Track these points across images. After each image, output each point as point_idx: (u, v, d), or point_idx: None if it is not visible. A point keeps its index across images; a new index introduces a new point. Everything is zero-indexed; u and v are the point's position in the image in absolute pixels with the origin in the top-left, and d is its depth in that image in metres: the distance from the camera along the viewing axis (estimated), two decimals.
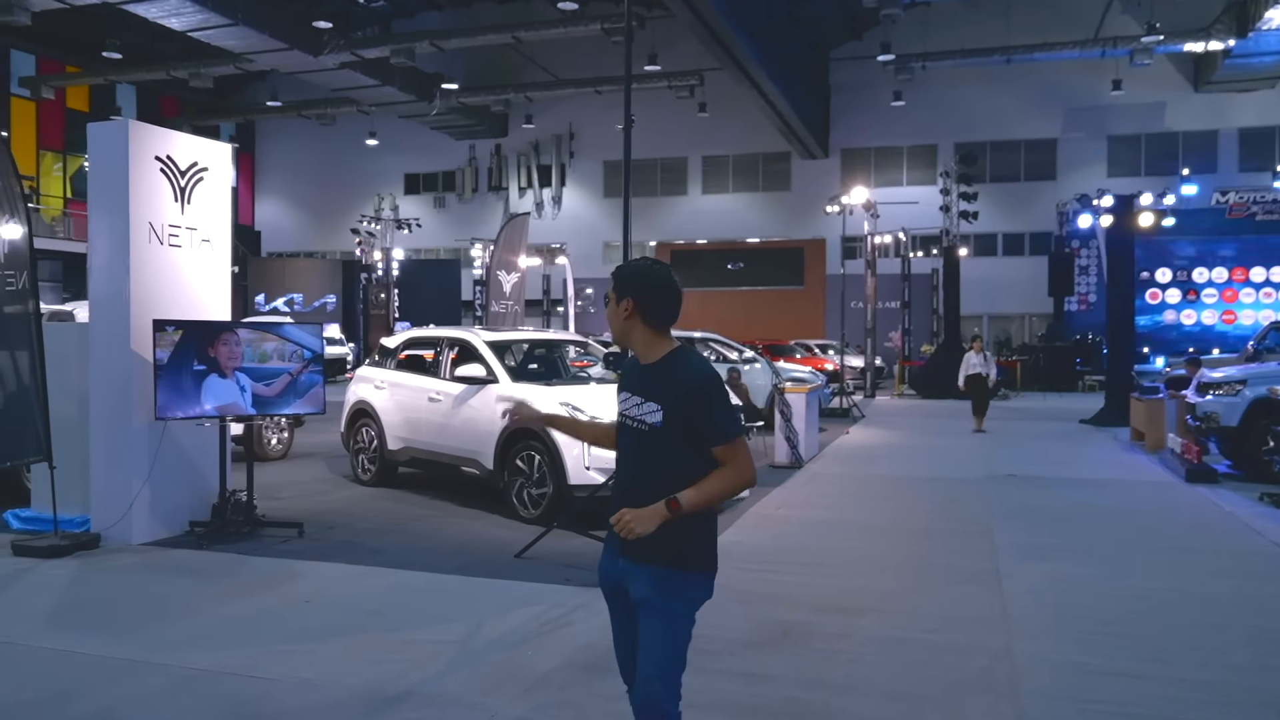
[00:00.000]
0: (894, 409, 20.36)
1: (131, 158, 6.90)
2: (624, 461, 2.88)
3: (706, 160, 38.15)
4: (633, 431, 2.82)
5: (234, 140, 44.49)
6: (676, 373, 2.78)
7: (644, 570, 2.75)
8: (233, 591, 5.76)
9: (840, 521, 8.12)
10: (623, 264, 3.01)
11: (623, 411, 2.87)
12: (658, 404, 2.74)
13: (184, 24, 26.38)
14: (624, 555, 2.79)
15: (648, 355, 2.84)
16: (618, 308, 2.85)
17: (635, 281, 2.85)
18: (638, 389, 2.82)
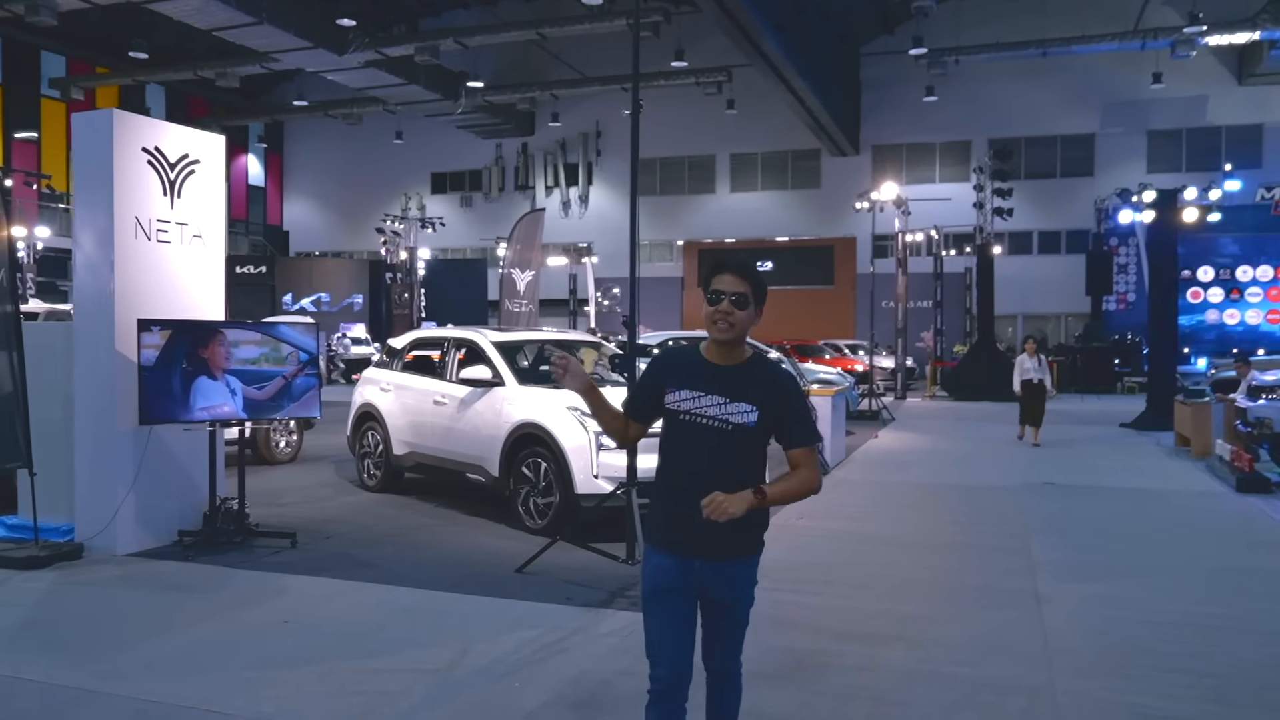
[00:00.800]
0: (925, 411, 19.76)
1: (116, 149, 6.56)
2: (692, 459, 2.86)
3: (735, 158, 37.62)
4: (709, 430, 2.84)
5: (262, 141, 44.63)
6: (772, 377, 2.92)
7: (730, 567, 2.89)
8: (209, 609, 5.39)
9: (864, 534, 7.63)
10: (750, 265, 2.94)
11: (694, 410, 2.86)
12: (752, 405, 2.83)
13: (208, 23, 26.29)
14: (699, 556, 2.85)
15: (734, 357, 2.90)
16: (754, 313, 2.89)
17: (765, 291, 2.92)
18: (719, 389, 2.85)
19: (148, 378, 6.45)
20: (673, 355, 3.08)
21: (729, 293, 2.85)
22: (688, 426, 2.88)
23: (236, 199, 43.59)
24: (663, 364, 3.04)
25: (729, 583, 2.89)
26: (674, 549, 2.88)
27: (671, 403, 2.91)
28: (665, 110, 36.70)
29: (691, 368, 2.94)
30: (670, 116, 36.85)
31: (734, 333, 2.88)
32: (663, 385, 2.95)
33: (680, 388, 2.90)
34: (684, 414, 2.88)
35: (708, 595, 2.90)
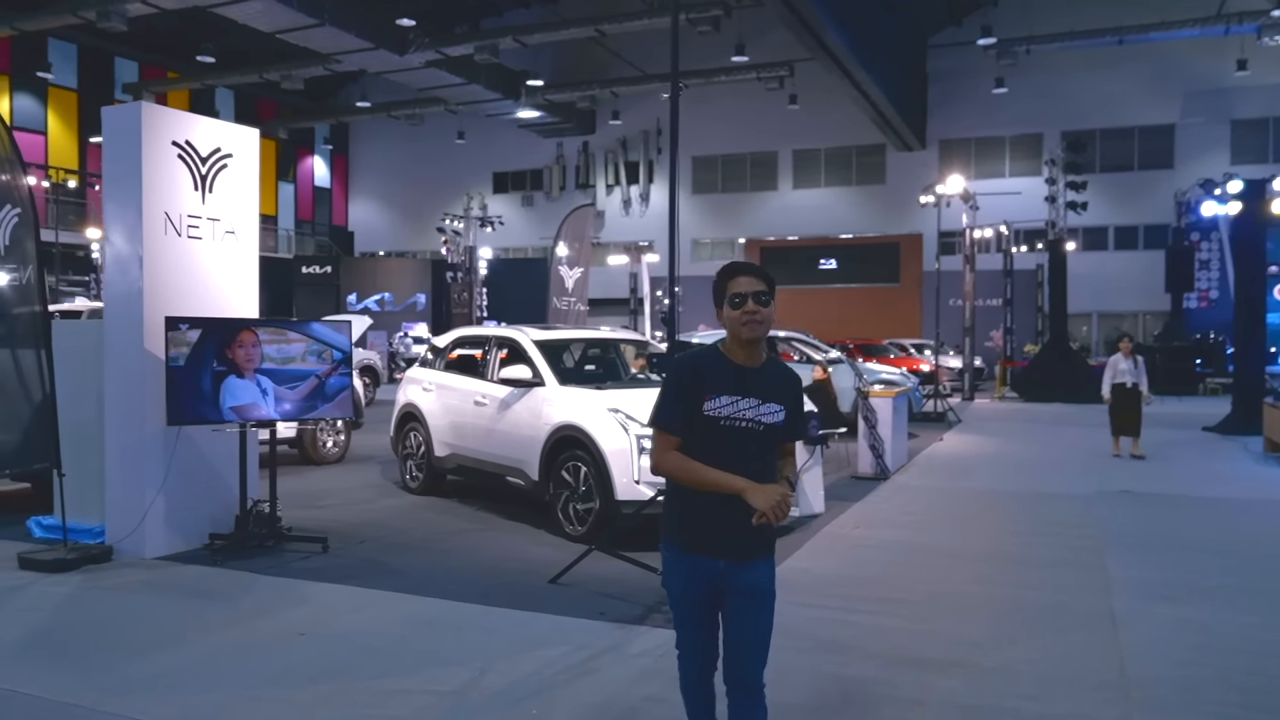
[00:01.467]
0: (993, 413, 19.02)
1: (145, 143, 6.41)
2: (731, 462, 2.86)
3: (797, 154, 36.96)
4: (745, 432, 2.89)
5: (328, 142, 45.21)
6: (788, 375, 3.04)
7: (756, 566, 2.93)
8: (227, 618, 5.17)
9: (925, 545, 7.15)
10: (760, 266, 3.03)
11: (730, 415, 2.89)
12: (780, 404, 2.93)
13: (272, 25, 26.58)
14: (726, 557, 2.91)
15: (757, 359, 2.96)
16: (773, 308, 2.95)
17: (774, 285, 2.97)
18: (751, 391, 2.90)
19: (176, 377, 6.29)
20: (702, 362, 3.02)
21: (751, 292, 2.91)
22: (726, 431, 2.89)
23: (303, 200, 44.26)
24: (696, 372, 2.97)
25: (753, 577, 2.94)
26: (701, 550, 2.93)
27: (711, 409, 2.89)
28: (726, 106, 36.23)
29: (724, 373, 2.94)
30: (731, 113, 36.36)
31: (763, 330, 2.93)
32: (703, 392, 2.91)
33: (719, 394, 2.90)
34: (724, 419, 2.89)
35: (732, 593, 2.94)
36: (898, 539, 7.34)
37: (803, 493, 8.14)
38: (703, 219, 38.94)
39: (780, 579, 5.84)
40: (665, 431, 2.94)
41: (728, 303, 2.94)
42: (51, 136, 33.30)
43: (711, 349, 3.03)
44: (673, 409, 2.94)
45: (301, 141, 43.44)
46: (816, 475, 8.33)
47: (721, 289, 2.99)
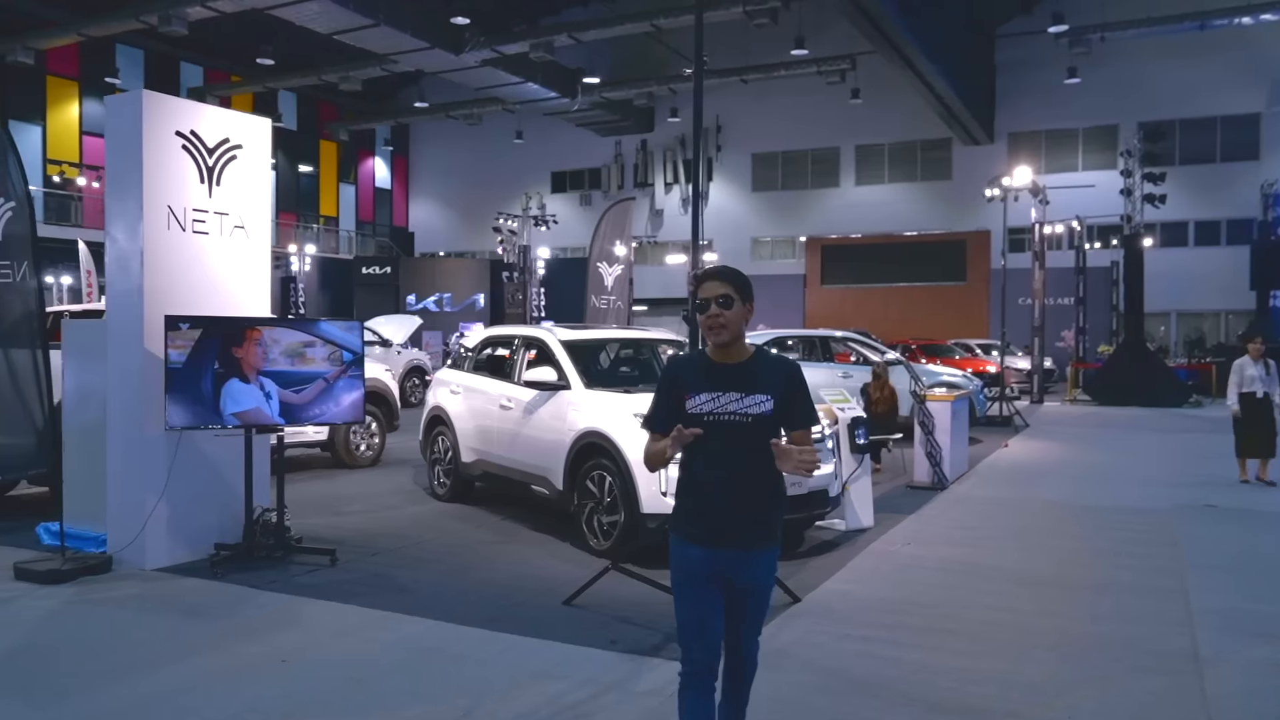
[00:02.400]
0: (1064, 417, 18.06)
1: (146, 132, 6.09)
2: (731, 455, 3.01)
3: (860, 150, 36.09)
4: (730, 425, 3.01)
5: (389, 144, 45.51)
6: (777, 365, 3.15)
7: (758, 555, 3.06)
8: (211, 640, 4.79)
9: (981, 565, 6.51)
10: (729, 269, 3.17)
11: (713, 411, 3.02)
12: (767, 394, 3.03)
13: (328, 26, 26.65)
14: (727, 546, 3.02)
15: (737, 355, 3.09)
16: (744, 309, 3.07)
17: (750, 288, 3.12)
18: (734, 385, 3.03)
19: (174, 379, 5.95)
20: (684, 363, 3.24)
21: (714, 297, 3.05)
22: (712, 426, 3.01)
23: (364, 201, 44.61)
24: (677, 373, 3.18)
25: (754, 570, 3.07)
26: (703, 541, 3.04)
27: (693, 407, 3.05)
28: (786, 102, 35.52)
29: (704, 371, 3.10)
30: (791, 108, 35.63)
31: (729, 333, 3.06)
32: (682, 392, 3.08)
33: (699, 391, 3.06)
34: (707, 415, 3.03)
35: (734, 583, 3.06)
36: (952, 558, 6.71)
37: (849, 505, 7.57)
38: (763, 217, 38.26)
39: (817, 603, 5.28)
40: (651, 431, 3.20)
41: (698, 308, 3.12)
42: None
43: (696, 351, 3.25)
44: (655, 411, 3.19)
45: (362, 143, 43.78)
46: (865, 486, 7.74)
47: (695, 295, 3.19)
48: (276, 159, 40.13)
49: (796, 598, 5.55)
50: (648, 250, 38.47)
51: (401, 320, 21.18)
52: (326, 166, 42.52)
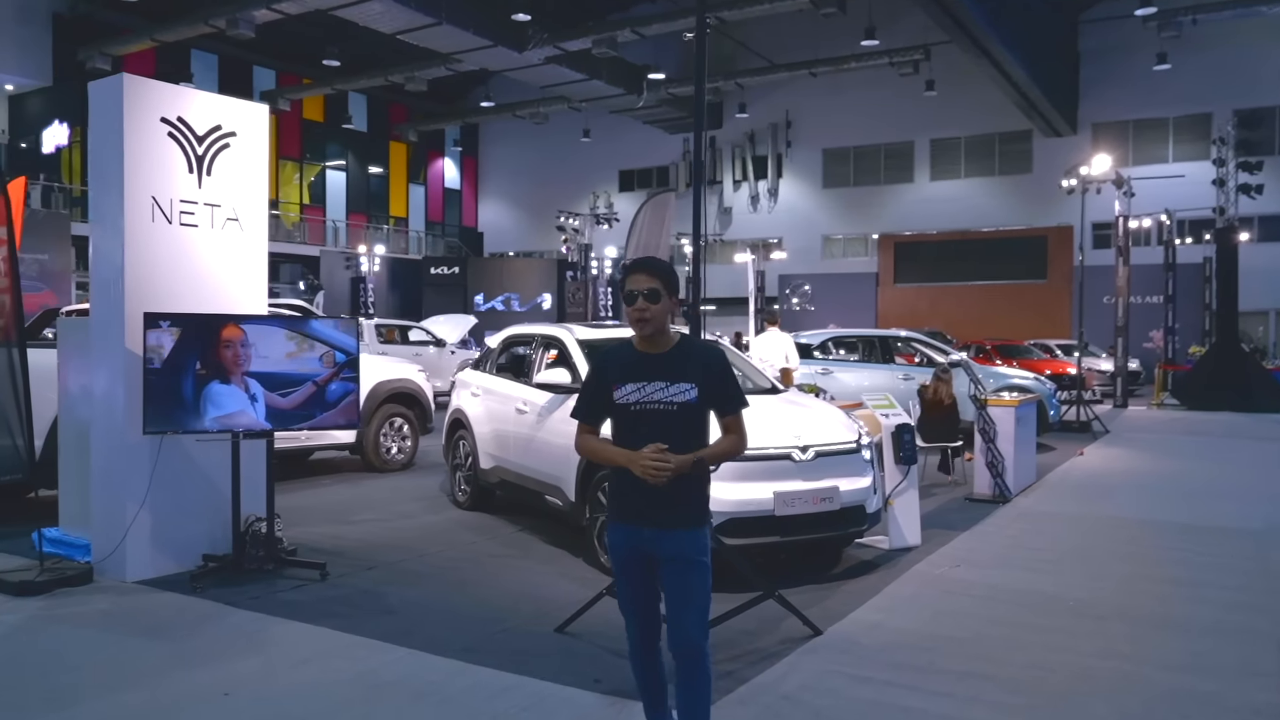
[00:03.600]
0: (1149, 423, 16.88)
1: (128, 119, 5.74)
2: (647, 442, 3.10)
3: (935, 143, 34.87)
4: (649, 413, 3.17)
5: (458, 144, 45.66)
6: (701, 353, 3.32)
7: (677, 534, 3.20)
8: (159, 665, 4.39)
9: (1039, 593, 5.77)
10: (658, 260, 3.33)
11: (638, 400, 3.17)
12: (691, 383, 3.19)
13: (392, 26, 26.66)
14: (652, 526, 3.18)
15: (662, 345, 3.24)
16: (669, 302, 3.21)
17: (676, 281, 3.27)
18: (658, 375, 3.18)
19: (153, 380, 5.59)
20: (611, 355, 3.33)
21: (641, 290, 3.17)
22: (638, 415, 3.17)
23: (433, 201, 44.83)
24: (604, 365, 3.31)
25: (676, 543, 3.18)
26: (631, 519, 3.22)
27: (620, 397, 3.19)
28: (857, 95, 34.51)
29: (630, 362, 3.23)
30: (863, 102, 34.61)
31: (653, 326, 3.20)
32: (609, 383, 3.21)
33: (625, 382, 3.19)
34: (633, 405, 3.18)
35: (658, 555, 3.20)
36: (1004, 583, 5.98)
37: (893, 522, 6.89)
38: (834, 214, 37.27)
39: (840, 636, 4.64)
40: (581, 422, 3.34)
41: (625, 299, 3.21)
42: None
43: (623, 342, 3.34)
44: (589, 401, 3.32)
45: (432, 144, 43.99)
46: (911, 501, 7.05)
47: (622, 286, 3.25)
48: (347, 161, 40.59)
49: (816, 630, 4.92)
50: (716, 249, 37.79)
51: (456, 320, 20.93)
52: (396, 168, 42.82)
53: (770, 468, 5.78)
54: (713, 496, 5.60)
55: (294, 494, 8.96)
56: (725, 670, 4.39)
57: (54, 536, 6.47)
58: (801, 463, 5.85)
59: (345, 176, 40.59)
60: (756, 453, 5.77)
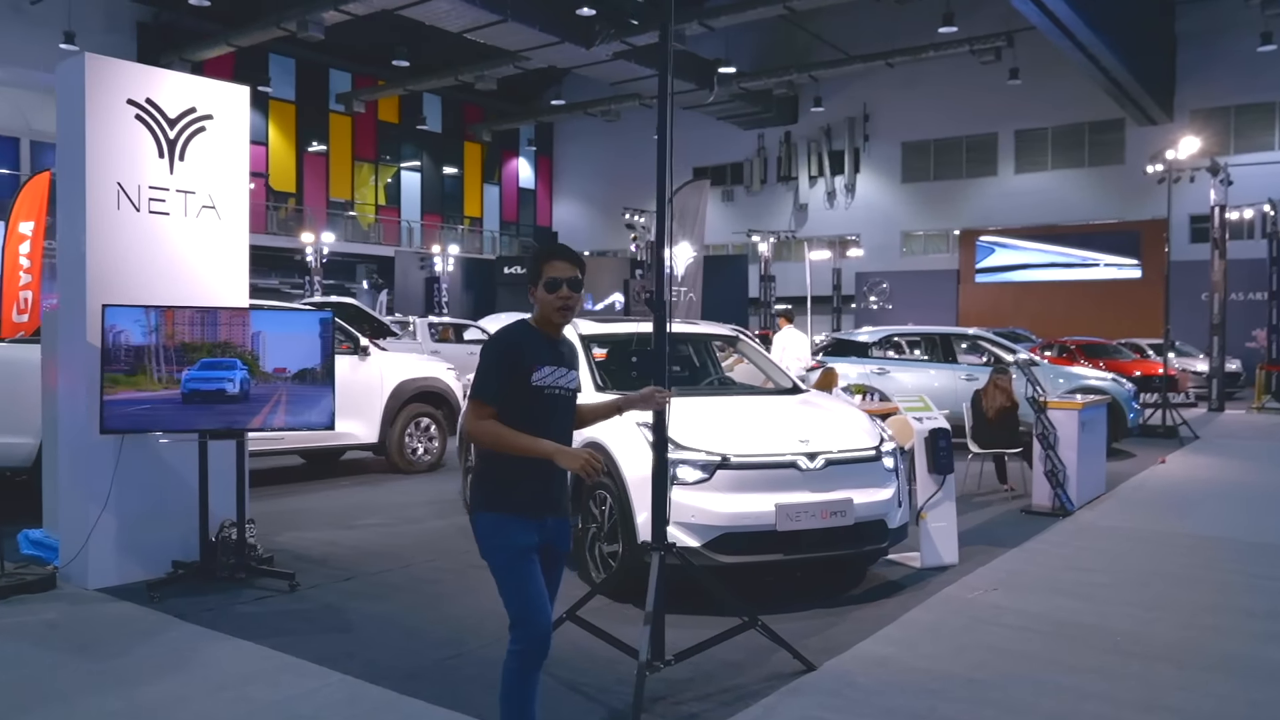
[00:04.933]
0: (1245, 428, 15.58)
1: (90, 101, 5.44)
2: (553, 427, 3.15)
3: (1019, 134, 33.33)
4: (560, 399, 3.21)
5: (532, 144, 45.64)
6: (573, 346, 3.42)
7: (568, 522, 3.33)
8: (68, 688, 4.03)
9: (1083, 625, 5.04)
10: (573, 250, 3.28)
11: (551, 384, 3.16)
12: (576, 371, 3.30)
13: (458, 24, 26.59)
14: (553, 515, 3.20)
15: (560, 332, 3.26)
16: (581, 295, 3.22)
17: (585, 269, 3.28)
18: (560, 361, 3.21)
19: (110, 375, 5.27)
20: (523, 336, 3.20)
21: (565, 278, 3.17)
22: (549, 399, 3.16)
23: (508, 201, 44.91)
24: (519, 345, 3.16)
25: (566, 534, 3.31)
26: (533, 511, 3.13)
27: (538, 379, 3.13)
28: (937, 86, 33.24)
29: (543, 345, 3.19)
30: (943, 93, 33.32)
31: (574, 314, 3.25)
32: (527, 365, 3.12)
33: (543, 364, 3.15)
34: (548, 389, 3.15)
35: (554, 549, 3.24)
36: (1044, 611, 5.26)
37: (926, 537, 6.21)
38: (914, 209, 36.02)
39: (836, 673, 4.12)
40: (483, 403, 3.10)
41: (543, 285, 3.16)
42: (272, 147, 35.16)
43: (522, 324, 3.22)
44: (493, 382, 3.11)
45: (506, 144, 44.05)
46: (947, 514, 6.35)
47: (537, 270, 3.19)
48: (422, 162, 40.88)
49: (810, 665, 4.31)
50: (791, 246, 36.91)
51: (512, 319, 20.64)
52: (470, 168, 42.98)
53: (772, 477, 5.18)
54: (705, 509, 5.14)
55: (308, 495, 8.68)
56: (691, 712, 3.85)
57: (37, 538, 6.26)
58: (809, 472, 5.22)
59: (420, 177, 40.89)
60: (756, 460, 5.19)
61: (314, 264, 31.38)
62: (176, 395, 5.40)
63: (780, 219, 38.10)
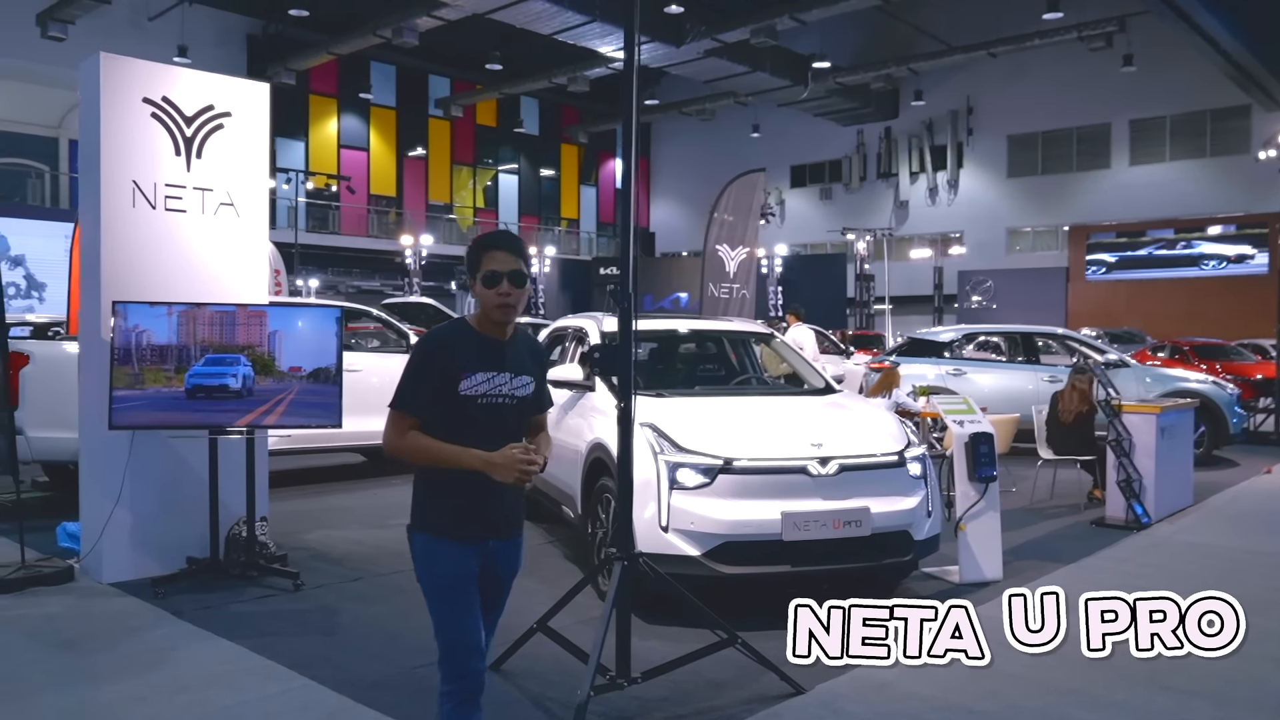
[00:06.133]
0: None
1: (105, 100, 5.50)
2: (492, 441, 2.73)
3: (1135, 124, 31.62)
4: (504, 408, 2.83)
5: None
6: (534, 345, 3.06)
7: (515, 543, 2.98)
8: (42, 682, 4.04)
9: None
10: (516, 237, 2.96)
11: (488, 393, 2.80)
12: (530, 376, 2.91)
13: (548, 27, 26.77)
14: (497, 538, 2.87)
15: (506, 331, 2.87)
16: (528, 286, 2.86)
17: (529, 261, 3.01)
18: (505, 365, 2.84)
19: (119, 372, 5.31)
20: (452, 336, 2.87)
21: (504, 271, 2.79)
22: (484, 409, 2.80)
23: (605, 202, 45.04)
24: (447, 347, 2.82)
25: (517, 553, 3.00)
26: (474, 534, 2.83)
27: (468, 387, 2.78)
28: (1044, 75, 31.83)
29: (478, 347, 2.83)
30: (1051, 82, 31.88)
31: (516, 312, 2.85)
32: (455, 370, 2.78)
33: (475, 370, 2.80)
34: (481, 397, 2.80)
35: (495, 572, 2.91)
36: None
37: (966, 551, 5.79)
38: (1020, 205, 34.60)
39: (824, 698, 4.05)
40: (403, 413, 2.78)
41: (481, 279, 2.82)
42: (373, 153, 36.06)
43: (460, 323, 2.90)
44: (415, 389, 2.79)
45: (603, 145, 44.18)
46: (990, 525, 5.91)
47: (476, 262, 2.84)
48: (519, 164, 41.35)
49: (798, 688, 3.98)
50: (891, 245, 35.94)
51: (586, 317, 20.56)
52: (567, 170, 43.26)
53: (779, 483, 4.85)
54: (705, 515, 4.84)
55: (355, 494, 8.73)
56: None
57: (73, 531, 6.36)
58: (820, 477, 4.88)
59: (517, 180, 41.35)
60: (761, 464, 4.87)
61: (413, 266, 32.03)
62: (181, 392, 5.40)
63: (880, 217, 37.13)
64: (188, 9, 28.65)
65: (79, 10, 25.08)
